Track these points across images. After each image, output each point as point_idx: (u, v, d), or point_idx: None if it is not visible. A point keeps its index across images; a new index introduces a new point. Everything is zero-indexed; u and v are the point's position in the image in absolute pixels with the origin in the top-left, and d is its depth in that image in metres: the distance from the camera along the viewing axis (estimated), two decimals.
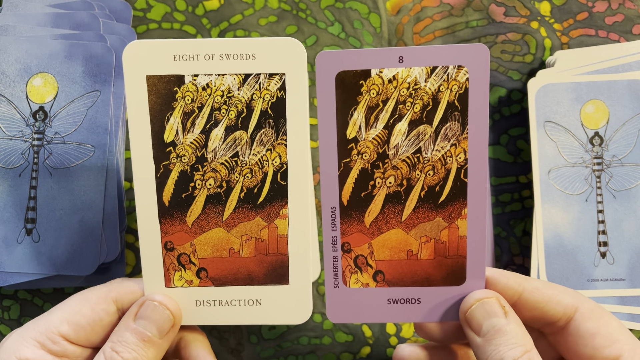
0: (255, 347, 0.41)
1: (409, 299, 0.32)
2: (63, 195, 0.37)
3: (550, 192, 0.39)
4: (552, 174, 0.40)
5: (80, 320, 0.30)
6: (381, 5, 0.42)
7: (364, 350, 0.41)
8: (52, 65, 0.38)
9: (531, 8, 0.42)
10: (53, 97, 0.38)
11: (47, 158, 0.38)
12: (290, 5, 0.42)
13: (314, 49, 0.42)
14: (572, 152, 0.40)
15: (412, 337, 0.41)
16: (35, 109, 0.38)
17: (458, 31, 0.42)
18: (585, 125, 0.39)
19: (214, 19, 0.42)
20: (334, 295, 0.32)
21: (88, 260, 0.37)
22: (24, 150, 0.38)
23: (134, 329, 0.30)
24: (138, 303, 0.31)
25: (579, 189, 0.39)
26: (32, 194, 0.38)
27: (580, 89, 0.39)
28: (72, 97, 0.38)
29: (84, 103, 0.38)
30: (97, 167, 0.38)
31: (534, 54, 0.42)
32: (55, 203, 0.37)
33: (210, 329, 0.41)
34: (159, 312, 0.30)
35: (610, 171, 0.39)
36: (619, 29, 0.42)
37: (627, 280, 0.39)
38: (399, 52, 0.30)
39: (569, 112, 0.40)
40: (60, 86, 0.38)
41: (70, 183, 0.37)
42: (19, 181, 0.38)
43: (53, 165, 0.38)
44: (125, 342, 0.29)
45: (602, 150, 0.39)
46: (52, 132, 0.38)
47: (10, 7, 0.40)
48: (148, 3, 0.42)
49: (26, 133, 0.38)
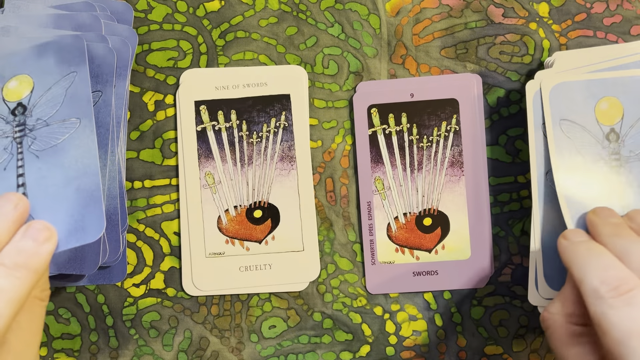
0: (255, 346, 0.42)
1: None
2: (54, 172, 0.36)
3: None
4: None
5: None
6: (381, 7, 0.42)
7: (363, 349, 0.42)
8: (26, 65, 0.38)
9: (530, 9, 0.42)
10: (29, 91, 0.38)
11: (31, 144, 0.37)
12: (290, 7, 0.43)
13: (314, 50, 0.42)
14: (589, 150, 0.39)
15: (411, 335, 0.42)
16: (12, 107, 0.37)
17: (457, 32, 0.42)
18: (601, 122, 0.39)
19: (215, 20, 0.43)
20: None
21: (90, 257, 0.37)
22: (6, 145, 0.37)
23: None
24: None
25: None
26: (20, 182, 0.36)
27: (593, 86, 0.39)
28: (49, 86, 0.37)
29: (62, 85, 0.37)
30: (86, 134, 0.36)
31: (532, 55, 0.42)
32: (46, 181, 0.36)
33: (211, 328, 0.42)
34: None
35: (628, 167, 0.39)
36: (617, 29, 0.42)
37: None
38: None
39: (583, 110, 0.39)
40: (36, 80, 0.38)
41: (59, 158, 0.36)
42: (5, 174, 0.36)
43: (39, 148, 0.36)
44: None
45: (619, 147, 0.39)
46: (34, 120, 0.37)
47: (12, 8, 0.40)
48: (149, 4, 0.43)
49: (7, 130, 0.37)
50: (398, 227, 0.41)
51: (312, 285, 0.42)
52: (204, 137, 0.42)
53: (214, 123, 0.42)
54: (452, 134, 0.41)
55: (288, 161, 0.42)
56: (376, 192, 0.41)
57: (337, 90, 0.42)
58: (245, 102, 0.42)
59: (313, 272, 0.41)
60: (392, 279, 0.41)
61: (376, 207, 0.41)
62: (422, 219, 0.41)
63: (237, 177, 0.42)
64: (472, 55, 0.42)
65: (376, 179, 0.41)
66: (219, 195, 0.42)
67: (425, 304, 0.42)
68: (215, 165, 0.42)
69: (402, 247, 0.41)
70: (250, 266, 0.41)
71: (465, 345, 0.42)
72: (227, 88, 0.42)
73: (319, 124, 0.42)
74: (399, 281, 0.41)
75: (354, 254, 0.42)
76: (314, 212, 0.41)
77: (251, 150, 0.42)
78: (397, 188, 0.41)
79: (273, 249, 0.41)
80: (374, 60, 0.42)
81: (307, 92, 0.42)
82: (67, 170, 0.36)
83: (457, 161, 0.41)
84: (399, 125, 0.42)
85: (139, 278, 0.42)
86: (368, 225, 0.41)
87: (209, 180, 0.42)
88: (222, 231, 0.41)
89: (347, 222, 0.42)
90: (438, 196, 0.41)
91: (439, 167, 0.41)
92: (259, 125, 0.42)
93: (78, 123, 0.37)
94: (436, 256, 0.41)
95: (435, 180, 0.41)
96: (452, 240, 0.41)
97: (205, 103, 0.42)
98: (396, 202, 0.41)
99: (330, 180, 0.42)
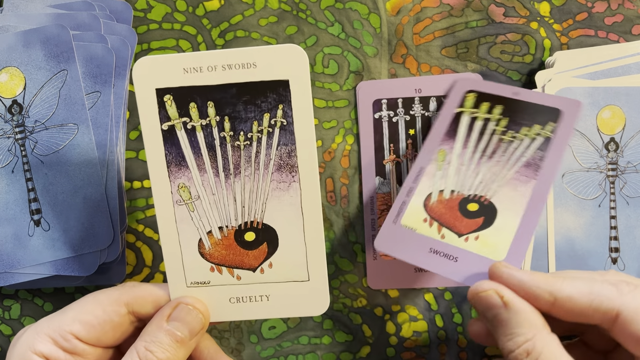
0: (255, 347, 0.42)
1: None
2: (60, 179, 0.38)
3: (563, 195, 0.39)
4: (566, 177, 0.40)
5: (92, 320, 0.32)
6: (381, 6, 0.42)
7: (364, 350, 0.41)
8: (13, 56, 0.38)
9: (531, 8, 0.42)
10: (22, 88, 0.38)
11: (34, 148, 0.38)
12: (290, 6, 0.42)
13: (314, 49, 0.42)
14: (587, 157, 0.40)
15: (411, 336, 0.41)
16: (8, 104, 0.38)
17: (458, 31, 0.42)
18: (601, 131, 0.39)
19: (214, 20, 0.42)
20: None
21: (89, 258, 0.37)
22: (9, 146, 0.38)
23: (168, 330, 0.31)
24: (171, 305, 0.32)
25: (592, 194, 0.39)
26: (29, 186, 0.38)
27: (597, 94, 0.39)
28: (41, 83, 0.38)
29: (54, 85, 0.38)
30: (85, 142, 0.38)
31: (533, 54, 0.42)
32: (54, 188, 0.38)
33: (210, 329, 0.41)
34: (193, 315, 0.32)
35: (624, 177, 0.39)
36: (618, 29, 0.42)
37: None
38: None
39: (585, 117, 0.39)
40: (27, 75, 0.38)
41: (63, 165, 0.38)
42: (14, 177, 0.38)
43: (42, 153, 0.38)
44: (159, 342, 0.31)
45: (617, 156, 0.39)
46: (32, 122, 0.38)
47: (11, 7, 0.40)
48: (148, 3, 0.42)
49: (7, 129, 0.38)
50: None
51: None
52: (173, 139, 0.32)
53: (185, 120, 0.32)
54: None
55: (287, 171, 0.32)
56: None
57: (337, 90, 0.42)
58: (227, 90, 0.31)
59: (321, 306, 0.34)
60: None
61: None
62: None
63: (221, 192, 0.33)
64: (472, 54, 0.42)
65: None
66: (198, 214, 0.33)
67: (425, 304, 0.41)
68: (190, 175, 0.32)
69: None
70: (243, 297, 0.34)
71: (466, 345, 0.41)
72: (199, 70, 0.31)
73: (319, 124, 0.42)
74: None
75: (354, 254, 0.42)
76: (322, 234, 0.33)
77: (238, 156, 0.32)
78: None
79: (271, 278, 0.33)
80: (374, 60, 0.42)
81: (309, 79, 0.31)
82: (73, 179, 0.38)
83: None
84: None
85: (138, 278, 0.42)
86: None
87: (183, 195, 0.33)
88: (205, 257, 0.33)
89: (348, 223, 0.42)
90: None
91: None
92: (247, 124, 0.32)
93: (76, 129, 0.37)
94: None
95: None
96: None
97: (172, 91, 0.31)
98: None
99: (331, 180, 0.42)
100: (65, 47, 0.38)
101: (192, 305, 0.32)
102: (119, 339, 0.33)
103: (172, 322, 0.31)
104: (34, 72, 0.38)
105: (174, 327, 0.31)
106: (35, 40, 0.38)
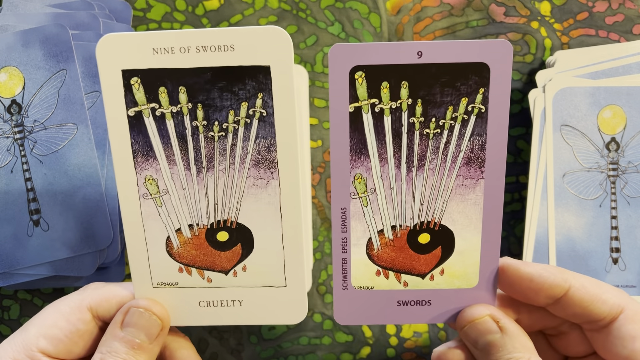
0: (255, 347, 0.41)
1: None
2: (59, 179, 0.38)
3: (564, 196, 0.39)
4: (567, 177, 0.39)
5: (57, 334, 0.29)
6: (381, 5, 0.42)
7: (364, 351, 0.41)
8: (12, 55, 0.38)
9: (531, 8, 0.42)
10: (21, 88, 0.38)
11: (33, 148, 0.38)
12: (290, 5, 0.42)
13: (314, 49, 0.42)
14: (587, 157, 0.39)
15: (412, 337, 0.41)
16: (7, 104, 0.38)
17: (458, 31, 0.42)
18: (602, 131, 0.39)
19: (214, 19, 0.42)
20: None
21: (88, 259, 0.37)
22: (8, 146, 0.38)
23: (122, 337, 0.29)
24: (123, 311, 0.30)
25: (593, 194, 0.39)
26: (28, 186, 0.38)
27: (598, 93, 0.39)
28: (40, 83, 0.38)
29: (53, 84, 0.38)
30: (85, 142, 0.38)
31: (534, 54, 0.42)
32: (53, 188, 0.38)
33: (210, 329, 0.41)
34: (146, 318, 0.30)
35: (625, 177, 0.39)
36: (619, 28, 0.42)
37: (638, 287, 0.39)
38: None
39: (586, 117, 0.39)
40: (26, 75, 0.38)
41: (62, 165, 0.38)
42: (13, 177, 0.38)
43: (41, 152, 0.38)
44: (115, 352, 0.29)
45: (618, 156, 0.39)
46: (31, 122, 0.38)
47: (10, 7, 0.40)
48: (148, 3, 0.42)
49: (6, 129, 0.38)
50: (382, 243, 0.31)
51: (313, 286, 0.41)
52: (140, 126, 0.29)
53: (154, 105, 0.29)
54: (475, 116, 0.29)
55: (266, 167, 0.30)
56: (355, 195, 0.31)
57: None
58: (200, 74, 0.28)
59: (297, 314, 0.32)
60: (369, 309, 0.32)
61: (353, 216, 0.31)
62: (416, 234, 0.31)
63: (192, 186, 0.30)
64: None
65: (356, 177, 0.30)
66: (166, 210, 0.30)
67: None
68: (158, 167, 0.30)
69: (386, 269, 0.32)
70: (214, 301, 0.32)
71: None
72: (171, 51, 0.28)
73: (319, 124, 0.42)
74: (377, 311, 0.32)
75: None
76: (302, 237, 0.31)
77: (211, 148, 0.30)
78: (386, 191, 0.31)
79: (244, 282, 0.31)
80: None
81: (292, 66, 0.28)
82: (72, 179, 0.37)
83: (476, 157, 0.30)
84: (396, 100, 0.29)
85: None
86: (341, 239, 0.31)
87: (150, 189, 0.30)
88: (173, 256, 0.31)
89: None
90: (442, 205, 0.31)
91: (448, 165, 0.30)
92: (223, 113, 0.29)
93: (75, 129, 0.37)
94: (431, 283, 0.32)
95: (442, 183, 0.30)
96: (454, 264, 0.31)
97: (139, 74, 0.28)
98: (382, 211, 0.31)
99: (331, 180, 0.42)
100: (64, 46, 0.38)
101: (145, 308, 0.30)
102: (93, 346, 0.30)
103: (126, 329, 0.29)
104: (33, 71, 0.38)
105: (128, 334, 0.29)
106: (34, 40, 0.38)
